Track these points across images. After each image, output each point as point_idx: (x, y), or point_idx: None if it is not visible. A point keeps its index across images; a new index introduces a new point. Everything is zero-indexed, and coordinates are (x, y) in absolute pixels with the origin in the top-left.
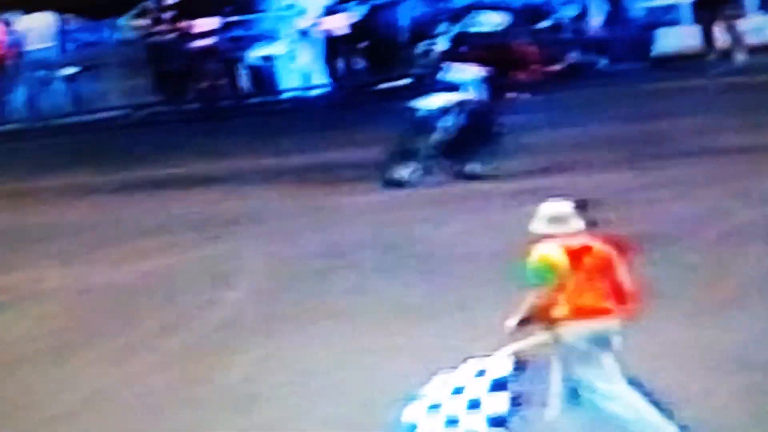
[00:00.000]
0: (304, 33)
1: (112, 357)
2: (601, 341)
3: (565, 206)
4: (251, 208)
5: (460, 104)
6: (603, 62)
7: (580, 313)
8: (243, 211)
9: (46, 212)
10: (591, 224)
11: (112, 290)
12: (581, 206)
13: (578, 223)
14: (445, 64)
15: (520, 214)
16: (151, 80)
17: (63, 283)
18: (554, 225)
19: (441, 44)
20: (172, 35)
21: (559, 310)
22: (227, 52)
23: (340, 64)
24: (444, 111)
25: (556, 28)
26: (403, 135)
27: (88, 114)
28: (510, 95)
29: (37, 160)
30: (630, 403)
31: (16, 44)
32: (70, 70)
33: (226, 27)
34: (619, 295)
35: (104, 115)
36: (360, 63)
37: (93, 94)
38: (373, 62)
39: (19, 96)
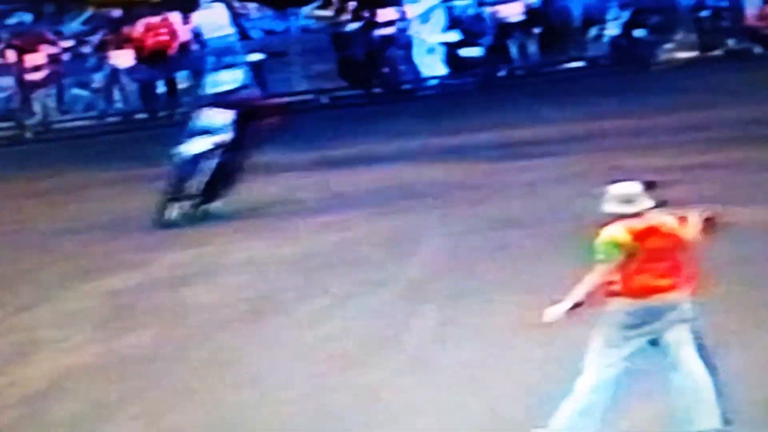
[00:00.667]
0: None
1: (300, 323)
2: (644, 321)
3: (635, 187)
4: (427, 183)
5: (216, 147)
6: (757, 49)
7: (631, 292)
8: (419, 187)
9: (237, 189)
10: (661, 204)
11: (297, 262)
12: (650, 187)
13: (648, 203)
14: (196, 111)
15: None
16: (335, 66)
17: (252, 254)
18: (624, 205)
19: (611, 29)
20: (357, 24)
21: (613, 287)
22: (407, 39)
23: (514, 48)
24: (202, 155)
25: (716, 16)
26: (172, 178)
27: (275, 98)
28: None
29: None
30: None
31: (197, 33)
32: (256, 57)
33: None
34: (685, 273)
35: (290, 99)
36: (533, 47)
37: (279, 80)
38: (546, 47)
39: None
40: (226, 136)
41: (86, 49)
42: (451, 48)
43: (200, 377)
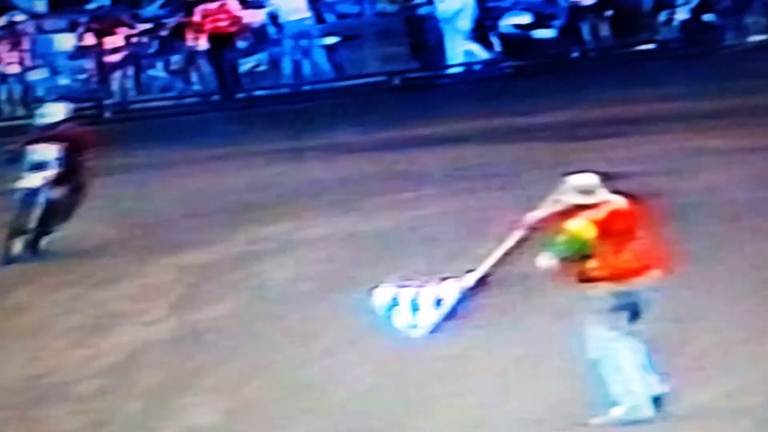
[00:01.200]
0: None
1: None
2: (628, 302)
3: (593, 178)
4: (496, 163)
5: (49, 182)
6: None
7: (618, 274)
8: (489, 167)
9: (312, 168)
10: (616, 193)
11: (370, 239)
12: (608, 178)
13: (605, 193)
14: (28, 147)
15: None
16: (408, 49)
17: (326, 231)
18: (583, 196)
19: (681, 13)
20: (428, 7)
21: (597, 273)
22: (481, 21)
23: (586, 30)
24: (37, 189)
25: None
26: (14, 214)
27: (348, 80)
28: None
29: (303, 121)
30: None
31: (275, 16)
32: (331, 40)
33: None
34: (655, 253)
35: (363, 81)
36: (605, 30)
37: (353, 62)
38: (618, 29)
39: (285, 63)
40: (55, 171)
41: (163, 32)
42: (523, 30)
43: (275, 351)
